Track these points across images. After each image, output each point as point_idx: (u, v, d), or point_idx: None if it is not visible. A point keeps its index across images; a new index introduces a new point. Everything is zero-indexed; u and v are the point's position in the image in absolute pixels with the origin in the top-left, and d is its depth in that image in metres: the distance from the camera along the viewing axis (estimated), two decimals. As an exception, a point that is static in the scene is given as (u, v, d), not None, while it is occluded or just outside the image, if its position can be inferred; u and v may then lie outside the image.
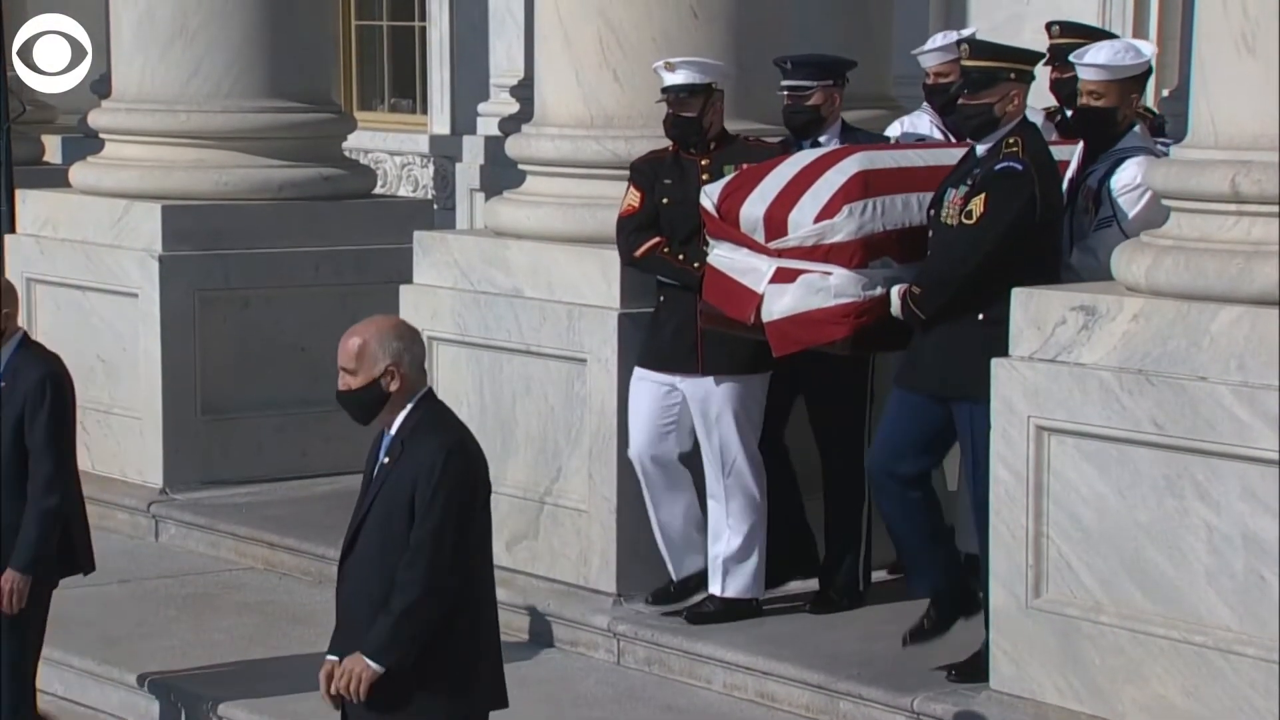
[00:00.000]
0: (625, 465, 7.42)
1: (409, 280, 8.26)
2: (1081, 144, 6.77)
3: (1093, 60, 6.62)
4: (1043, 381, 6.03)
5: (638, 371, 7.33)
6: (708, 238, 7.05)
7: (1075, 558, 6.01)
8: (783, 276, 6.72)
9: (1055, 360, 6.02)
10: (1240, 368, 5.61)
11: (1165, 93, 10.92)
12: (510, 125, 11.23)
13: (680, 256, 7.16)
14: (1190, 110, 5.95)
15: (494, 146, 12.18)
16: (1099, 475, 5.94)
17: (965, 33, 7.76)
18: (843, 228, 6.62)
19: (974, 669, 6.44)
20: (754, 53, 7.59)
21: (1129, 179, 6.54)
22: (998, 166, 6.36)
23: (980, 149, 6.49)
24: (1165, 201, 6.05)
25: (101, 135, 9.94)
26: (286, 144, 9.62)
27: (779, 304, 6.73)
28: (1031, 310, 6.09)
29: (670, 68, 7.13)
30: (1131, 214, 6.51)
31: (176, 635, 7.76)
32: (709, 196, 7.01)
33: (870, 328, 6.63)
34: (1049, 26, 7.84)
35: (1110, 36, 7.62)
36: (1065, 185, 6.71)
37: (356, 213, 9.68)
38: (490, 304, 7.88)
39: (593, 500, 7.55)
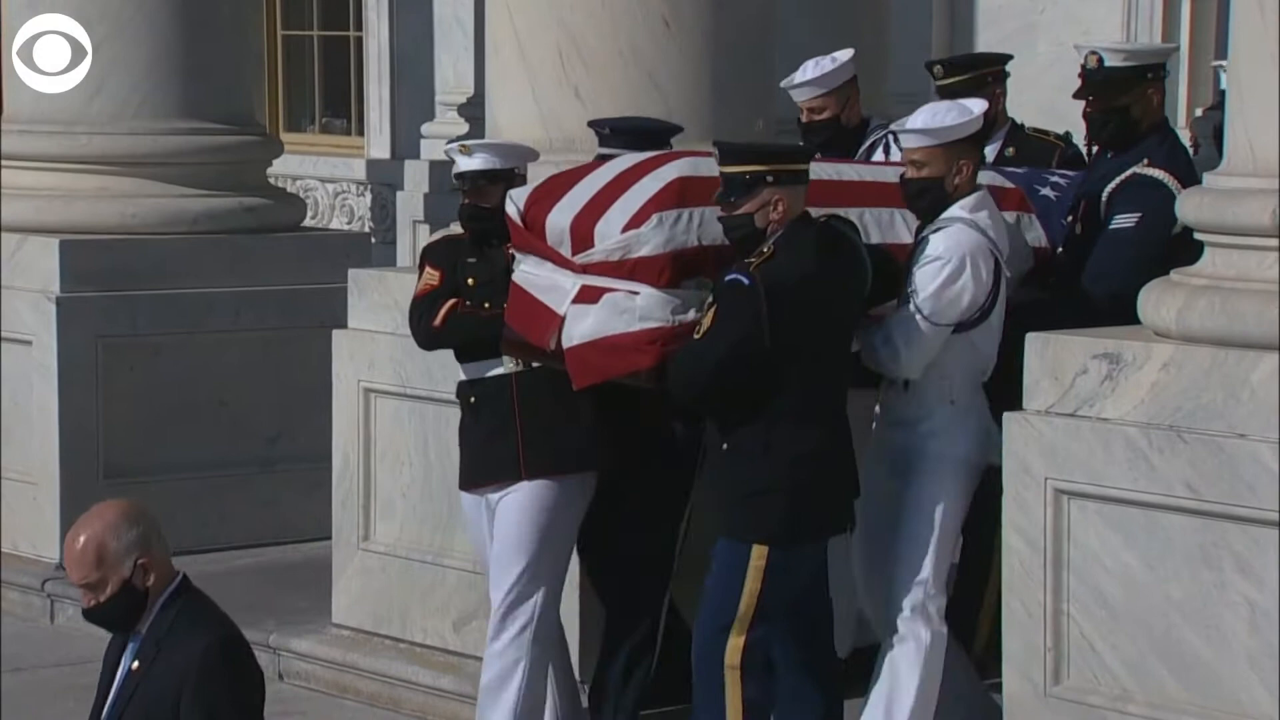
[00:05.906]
0: (588, 535, 7.41)
1: (343, 324, 8.27)
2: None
3: (910, 125, 6.44)
4: (1061, 439, 6.05)
5: (463, 499, 7.11)
6: (513, 251, 6.87)
7: (1099, 639, 6.02)
8: (587, 296, 6.55)
9: (1075, 415, 6.04)
10: (1285, 423, 5.64)
11: (1199, 112, 10.99)
12: (457, 149, 11.25)
13: (486, 305, 6.89)
14: (1225, 134, 5.99)
15: (439, 172, 12.21)
16: (1125, 545, 5.96)
17: (841, 56, 7.59)
18: (650, 239, 6.45)
19: None
20: (733, 68, 7.63)
21: (931, 250, 6.39)
22: (727, 277, 6.23)
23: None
24: (1198, 235, 6.08)
25: (-8, 161, 9.94)
26: (203, 170, 9.65)
27: (580, 327, 6.55)
28: (1048, 359, 6.11)
29: (466, 151, 6.98)
30: (926, 290, 6.34)
31: (75, 731, 7.73)
32: (514, 202, 6.84)
33: None
34: (930, 67, 7.62)
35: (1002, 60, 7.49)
36: None
37: (283, 248, 9.69)
38: (435, 351, 7.87)
39: (551, 574, 7.53)
